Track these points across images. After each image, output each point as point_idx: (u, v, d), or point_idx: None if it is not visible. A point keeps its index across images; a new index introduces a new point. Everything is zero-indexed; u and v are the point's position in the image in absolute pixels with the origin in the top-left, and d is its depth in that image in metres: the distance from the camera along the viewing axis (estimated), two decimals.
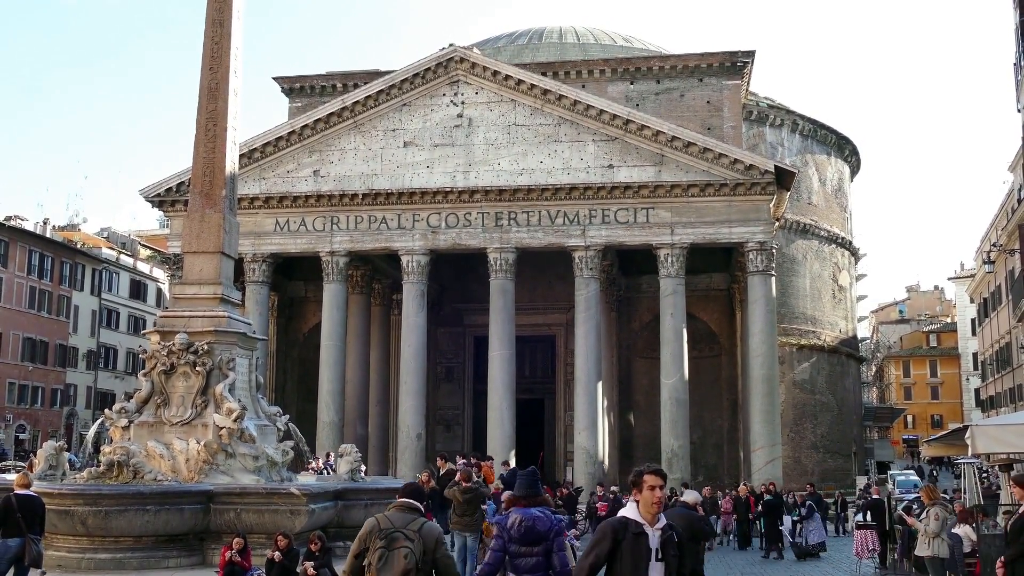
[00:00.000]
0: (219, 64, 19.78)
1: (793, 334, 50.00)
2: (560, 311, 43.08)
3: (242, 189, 34.33)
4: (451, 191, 37.31)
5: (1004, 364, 59.18)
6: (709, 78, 45.19)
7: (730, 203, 36.17)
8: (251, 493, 16.66)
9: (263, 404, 20.00)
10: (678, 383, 35.84)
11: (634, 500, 7.05)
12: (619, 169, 36.82)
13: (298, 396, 44.95)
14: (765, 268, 36.16)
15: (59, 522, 15.45)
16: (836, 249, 55.36)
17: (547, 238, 37.13)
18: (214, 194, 19.39)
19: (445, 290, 44.96)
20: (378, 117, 38.79)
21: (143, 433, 17.92)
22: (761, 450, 35.74)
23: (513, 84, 37.81)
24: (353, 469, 19.72)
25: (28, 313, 62.62)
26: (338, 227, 38.44)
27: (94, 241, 76.33)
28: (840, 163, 57.25)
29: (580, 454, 36.46)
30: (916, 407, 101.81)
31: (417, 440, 37.13)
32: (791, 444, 46.50)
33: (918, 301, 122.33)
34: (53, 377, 65.68)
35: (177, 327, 18.44)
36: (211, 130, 19.56)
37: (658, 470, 7.15)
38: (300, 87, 48.16)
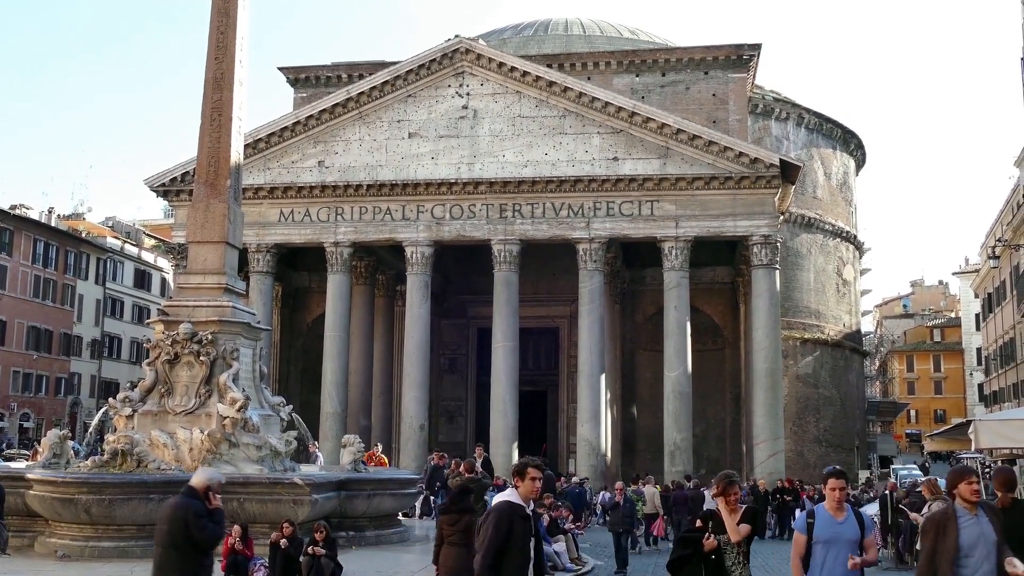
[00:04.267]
0: (225, 54, 19.79)
1: (797, 328, 49.98)
2: (564, 303, 43.09)
3: (247, 179, 34.36)
4: (455, 183, 37.30)
5: (1008, 359, 59.11)
6: (715, 71, 45.10)
7: (735, 196, 36.13)
8: (254, 483, 16.72)
9: (267, 394, 20.05)
10: (681, 376, 35.85)
11: (515, 487, 7.90)
12: (624, 162, 36.79)
13: (302, 387, 45.01)
14: (769, 262, 36.13)
15: (63, 510, 15.52)
16: (841, 243, 55.31)
17: (551, 230, 37.13)
18: (219, 184, 19.42)
19: (449, 282, 44.99)
20: (383, 108, 38.77)
21: (147, 422, 17.99)
22: (764, 443, 35.76)
23: (518, 76, 37.77)
24: (356, 460, 19.77)
25: (33, 302, 62.71)
26: (342, 218, 38.45)
27: (99, 230, 76.34)
28: (845, 157, 57.16)
29: (583, 446, 36.50)
30: (919, 402, 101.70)
31: (420, 431, 37.18)
32: (794, 438, 46.51)
33: (922, 296, 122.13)
34: (57, 366, 65.79)
35: (181, 317, 18.50)
36: (216, 120, 19.58)
37: (539, 464, 8.00)
38: (305, 78, 48.15)
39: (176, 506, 8.75)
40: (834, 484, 8.58)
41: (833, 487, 8.58)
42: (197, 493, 8.95)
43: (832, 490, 8.58)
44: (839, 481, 8.62)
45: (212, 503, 9.03)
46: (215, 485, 9.19)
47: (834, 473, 8.73)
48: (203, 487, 9.00)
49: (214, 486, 9.16)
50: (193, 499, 8.86)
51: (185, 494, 8.91)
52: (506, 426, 36.18)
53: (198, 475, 9.34)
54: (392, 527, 19.74)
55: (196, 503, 8.83)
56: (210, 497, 9.00)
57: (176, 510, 8.68)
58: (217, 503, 9.18)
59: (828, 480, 8.68)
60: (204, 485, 9.01)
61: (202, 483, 9.02)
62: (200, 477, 9.19)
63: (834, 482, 8.59)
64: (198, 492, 8.96)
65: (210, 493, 9.04)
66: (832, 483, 8.60)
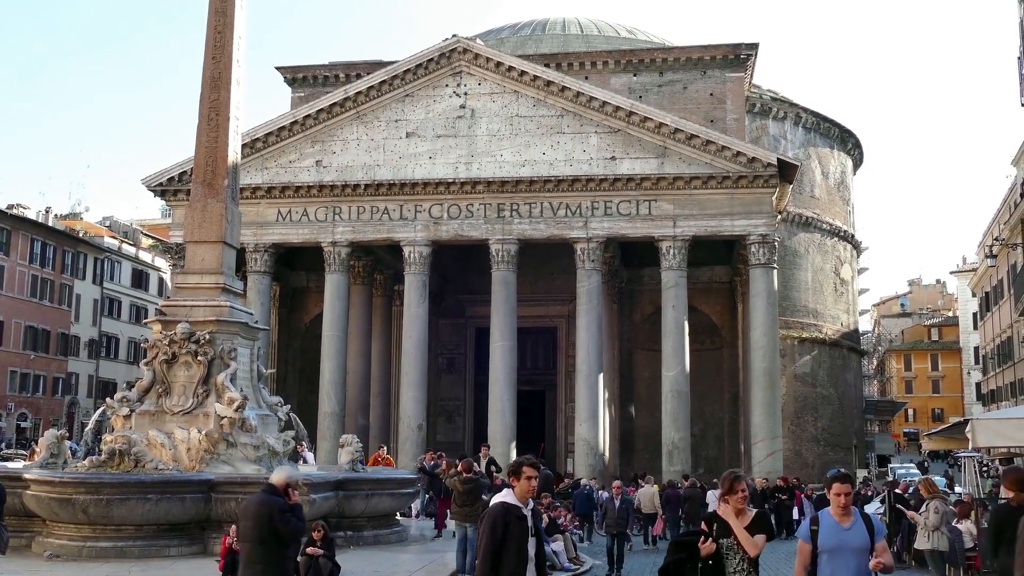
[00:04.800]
0: (222, 53, 19.78)
1: (795, 327, 50.00)
2: (562, 303, 43.09)
3: (244, 179, 34.32)
4: (453, 182, 37.28)
5: (1005, 358, 59.17)
6: (712, 70, 45.10)
7: (732, 196, 36.13)
8: (252, 483, 16.67)
9: (264, 394, 20.04)
10: (679, 375, 35.84)
11: (511, 487, 7.90)
12: (622, 161, 36.78)
13: (299, 386, 44.97)
14: (767, 261, 36.14)
15: (60, 510, 15.50)
16: (838, 242, 55.34)
17: (549, 230, 37.12)
18: (216, 184, 19.41)
19: (447, 281, 44.99)
20: (381, 107, 38.75)
21: (145, 422, 17.97)
22: (762, 443, 35.77)
23: (516, 75, 37.75)
24: (354, 460, 19.77)
25: (30, 302, 62.67)
26: (340, 217, 38.44)
27: (96, 230, 76.32)
28: (843, 156, 57.20)
29: (581, 446, 36.49)
30: (917, 401, 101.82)
31: (418, 431, 37.16)
32: (792, 437, 46.54)
33: (920, 295, 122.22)
34: (55, 366, 65.75)
35: (179, 316, 18.48)
36: (214, 120, 19.57)
37: (535, 463, 8.00)
38: (303, 77, 48.11)
39: (260, 503, 9.12)
40: (839, 489, 8.04)
41: (838, 492, 8.03)
42: (277, 490, 9.36)
43: (837, 495, 8.03)
44: (844, 486, 8.08)
45: (292, 499, 9.49)
46: (293, 483, 9.65)
47: (839, 477, 8.19)
48: (283, 485, 9.41)
49: (293, 484, 9.62)
50: (275, 496, 9.25)
51: (266, 491, 9.31)
52: (504, 426, 36.17)
53: (278, 474, 9.83)
54: (390, 527, 19.74)
55: (278, 500, 9.23)
56: (290, 494, 9.47)
57: (260, 506, 9.12)
58: (296, 499, 9.67)
59: (832, 484, 8.14)
60: (284, 483, 9.43)
61: (282, 481, 9.43)
62: (280, 476, 9.60)
63: (839, 487, 8.05)
64: (278, 489, 9.37)
65: (289, 490, 9.49)
66: (837, 487, 8.06)
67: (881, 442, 75.98)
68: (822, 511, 8.24)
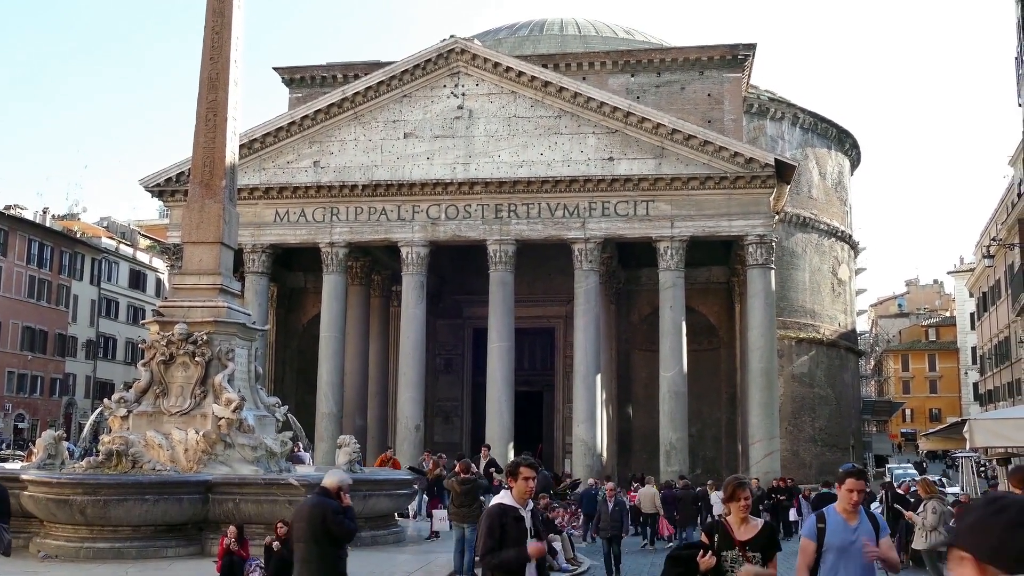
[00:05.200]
0: (220, 54, 19.78)
1: (792, 327, 50.01)
2: (559, 303, 43.08)
3: (242, 180, 34.29)
4: (451, 183, 37.28)
5: (1003, 358, 59.22)
6: (710, 71, 45.10)
7: (730, 196, 36.14)
8: (250, 483, 16.71)
9: (262, 395, 20.04)
10: (677, 376, 35.85)
11: (508, 487, 7.89)
12: (619, 162, 36.79)
13: (297, 387, 44.96)
14: (765, 261, 36.15)
15: (58, 511, 15.50)
16: (836, 243, 55.34)
17: (547, 230, 37.11)
18: (214, 184, 19.41)
19: (444, 282, 44.97)
20: (378, 108, 38.74)
21: (142, 423, 17.96)
22: (759, 443, 35.79)
23: (514, 76, 37.75)
24: (352, 460, 19.76)
25: (27, 302, 62.61)
26: (338, 218, 38.42)
27: (94, 231, 76.26)
28: (840, 157, 57.21)
29: (579, 446, 36.49)
30: (915, 401, 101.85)
31: (416, 431, 37.15)
32: (789, 437, 46.55)
33: (917, 295, 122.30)
34: (52, 366, 65.69)
35: (176, 317, 18.48)
36: (211, 120, 19.58)
37: (532, 463, 7.93)
38: (301, 78, 48.08)
39: (314, 505, 9.45)
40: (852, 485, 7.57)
41: (851, 488, 7.56)
42: (330, 493, 9.66)
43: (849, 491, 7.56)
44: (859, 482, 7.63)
45: (344, 502, 9.77)
46: (345, 486, 9.94)
47: (853, 472, 7.74)
48: (335, 488, 9.71)
49: (344, 487, 9.91)
50: (328, 499, 9.55)
51: (320, 494, 9.64)
52: (502, 426, 36.17)
53: (330, 477, 9.98)
54: (388, 528, 19.74)
55: (332, 502, 9.52)
56: (341, 496, 9.72)
57: (314, 508, 9.37)
58: (348, 502, 9.96)
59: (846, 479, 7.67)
60: (336, 486, 9.73)
61: (334, 484, 9.73)
62: (332, 479, 9.87)
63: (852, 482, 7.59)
64: (331, 492, 9.67)
65: (341, 493, 9.77)
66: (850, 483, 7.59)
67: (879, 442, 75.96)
68: (828, 508, 7.82)
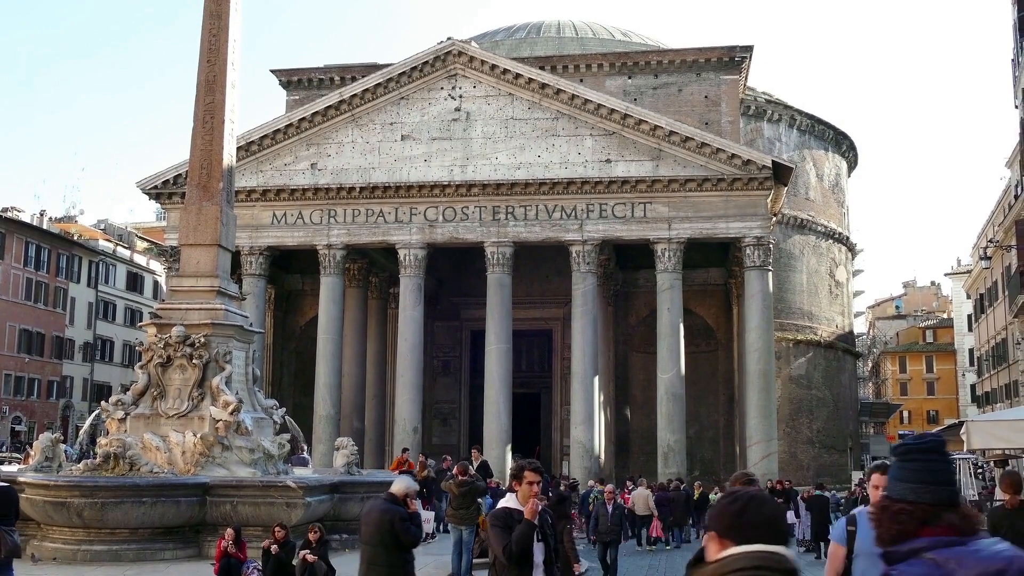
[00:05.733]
0: (217, 57, 19.77)
1: (790, 329, 50.03)
2: (557, 305, 43.09)
3: (239, 182, 34.26)
4: (448, 185, 37.28)
5: (1000, 360, 59.25)
6: (707, 73, 45.14)
7: (727, 198, 36.16)
8: (247, 486, 16.69)
9: (260, 397, 20.02)
10: (674, 378, 35.86)
11: (513, 490, 7.87)
12: (617, 163, 36.80)
13: (295, 389, 44.94)
14: (762, 263, 36.17)
15: (55, 514, 15.47)
16: (833, 244, 55.38)
17: (544, 232, 37.12)
18: (211, 187, 19.39)
19: (442, 284, 44.96)
20: (376, 110, 38.74)
21: (139, 425, 17.94)
22: (757, 445, 35.79)
23: (511, 78, 37.76)
24: (349, 462, 19.75)
25: (25, 305, 62.54)
26: (335, 220, 38.41)
27: (91, 233, 76.18)
28: (838, 158, 57.25)
29: (576, 448, 36.48)
30: (912, 402, 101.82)
31: (414, 433, 37.13)
32: (787, 439, 46.56)
33: (915, 297, 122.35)
34: (49, 369, 65.62)
35: (174, 320, 18.46)
36: (208, 123, 19.56)
37: (537, 467, 7.90)
38: (298, 80, 48.07)
39: (382, 511, 9.78)
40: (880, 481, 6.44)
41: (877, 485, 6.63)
42: (397, 499, 9.98)
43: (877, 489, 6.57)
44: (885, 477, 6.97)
45: (410, 508, 10.13)
46: (411, 492, 10.32)
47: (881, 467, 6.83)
48: (402, 494, 10.02)
49: (411, 493, 10.29)
50: (395, 505, 9.89)
51: (387, 500, 9.99)
52: (499, 428, 36.17)
53: (397, 484, 10.30)
54: None
55: (400, 508, 9.85)
56: (407, 502, 10.07)
57: (383, 514, 9.70)
58: (414, 507, 10.36)
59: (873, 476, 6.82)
60: (403, 492, 10.04)
61: (401, 491, 10.04)
62: (399, 486, 10.19)
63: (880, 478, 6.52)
64: (398, 498, 9.99)
65: (407, 499, 10.11)
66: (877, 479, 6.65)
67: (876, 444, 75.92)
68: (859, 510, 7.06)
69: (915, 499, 3.36)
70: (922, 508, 3.34)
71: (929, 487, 3.39)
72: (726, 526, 3.17)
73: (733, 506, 3.21)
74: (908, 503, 3.37)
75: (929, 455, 3.52)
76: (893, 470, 3.56)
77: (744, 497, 3.23)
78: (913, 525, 3.31)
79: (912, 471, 3.46)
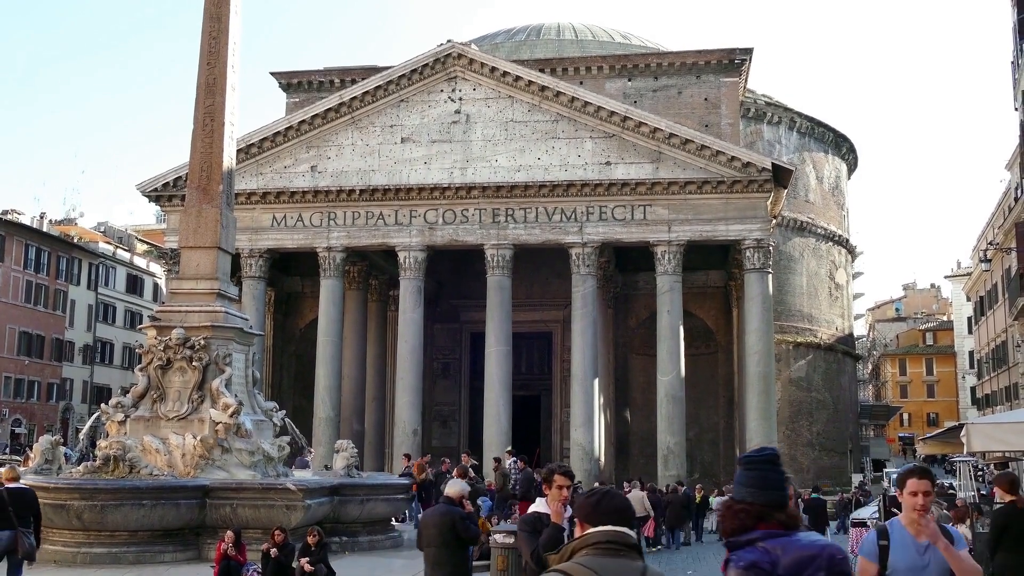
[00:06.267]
0: (217, 59, 19.79)
1: (790, 331, 50.03)
2: (557, 308, 43.07)
3: (239, 184, 34.23)
4: (448, 187, 37.28)
5: (1000, 362, 59.24)
6: (707, 75, 45.16)
7: (727, 200, 36.16)
8: (247, 488, 16.69)
9: (259, 399, 20.03)
10: (674, 380, 35.84)
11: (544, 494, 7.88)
12: (616, 166, 36.80)
13: (294, 392, 44.91)
14: (762, 266, 36.16)
15: (55, 516, 15.47)
16: (833, 247, 55.40)
17: (544, 235, 37.11)
18: (211, 189, 19.40)
19: (442, 286, 44.95)
20: (376, 113, 38.75)
21: (139, 428, 17.94)
22: (757, 447, 35.70)
23: (511, 80, 37.77)
24: (349, 465, 19.75)
25: (24, 307, 62.53)
26: (335, 223, 38.41)
27: (91, 236, 76.18)
28: (837, 161, 57.28)
29: (576, 450, 36.45)
30: (912, 405, 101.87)
31: (413, 436, 37.10)
32: (787, 441, 46.53)
33: (914, 299, 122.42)
34: (49, 371, 65.61)
35: (174, 322, 18.47)
36: (208, 125, 19.57)
37: (567, 471, 7.92)
38: (298, 83, 48.08)
39: (442, 513, 10.32)
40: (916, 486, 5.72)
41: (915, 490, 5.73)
42: (454, 501, 10.47)
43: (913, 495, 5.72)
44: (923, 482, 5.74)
45: (467, 508, 10.72)
46: (466, 494, 10.88)
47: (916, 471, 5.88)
48: (458, 496, 10.51)
49: (466, 495, 10.85)
50: (454, 506, 10.39)
51: (446, 502, 10.51)
52: (499, 431, 36.14)
53: (453, 487, 10.78)
54: (385, 532, 19.73)
55: (458, 509, 10.36)
56: (464, 504, 10.60)
57: (444, 516, 10.23)
58: (470, 508, 11.00)
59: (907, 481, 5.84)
60: (459, 495, 10.52)
61: (457, 493, 10.53)
62: (455, 489, 10.66)
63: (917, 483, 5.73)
64: (455, 500, 10.48)
65: (463, 501, 10.63)
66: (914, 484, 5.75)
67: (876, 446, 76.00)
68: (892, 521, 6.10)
69: (753, 500, 4.20)
70: (758, 508, 4.18)
71: (763, 491, 4.23)
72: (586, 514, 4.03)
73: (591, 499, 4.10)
74: (748, 504, 4.22)
75: (764, 465, 4.36)
76: (737, 477, 4.34)
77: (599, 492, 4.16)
78: (751, 521, 4.16)
79: (752, 478, 4.28)
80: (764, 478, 4.27)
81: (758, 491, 4.21)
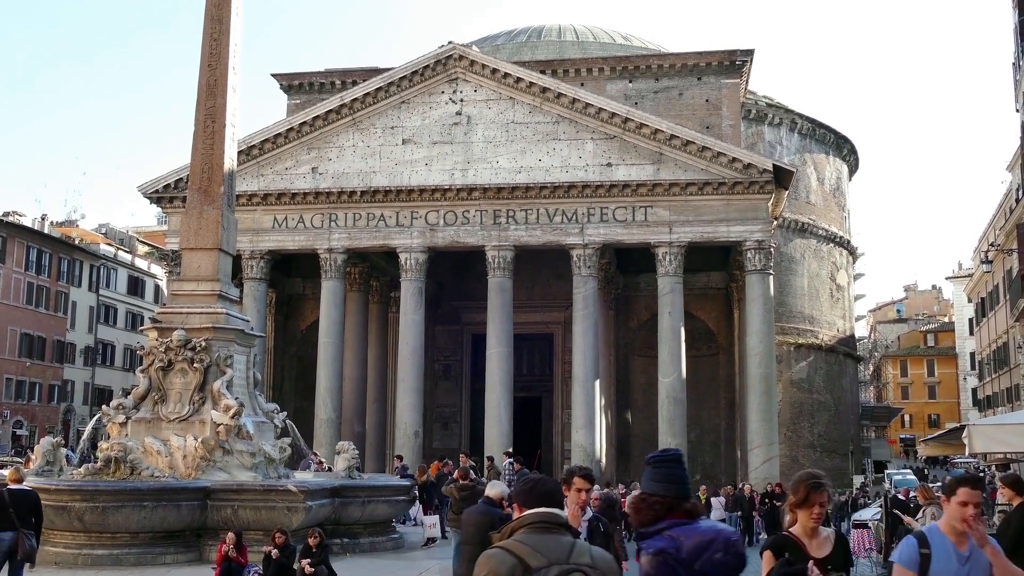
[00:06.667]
0: (218, 61, 19.79)
1: (791, 333, 50.02)
2: (558, 309, 43.05)
3: (240, 186, 34.28)
4: (449, 189, 37.29)
5: (1001, 364, 59.20)
6: (708, 77, 45.17)
7: (728, 202, 36.15)
8: (248, 490, 16.69)
9: (261, 401, 20.02)
10: (675, 382, 35.83)
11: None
12: (617, 167, 36.80)
13: (296, 393, 44.91)
14: (763, 267, 36.15)
15: (56, 518, 15.46)
16: (834, 248, 55.39)
17: (545, 236, 37.11)
18: (212, 191, 19.40)
19: (443, 288, 44.94)
20: (377, 114, 38.75)
21: (140, 429, 17.94)
22: (758, 449, 35.74)
23: (512, 82, 37.77)
24: (350, 466, 19.75)
25: (26, 309, 62.53)
26: (336, 224, 38.41)
27: (92, 237, 76.19)
28: (838, 162, 57.28)
29: (577, 452, 36.43)
30: (913, 406, 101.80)
31: (415, 438, 37.11)
32: (788, 443, 46.52)
33: (916, 300, 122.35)
34: (51, 373, 65.61)
35: (175, 324, 18.47)
36: (210, 127, 19.57)
37: (587, 474, 8.00)
38: (299, 84, 48.11)
39: (482, 513, 10.48)
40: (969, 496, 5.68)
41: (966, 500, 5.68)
42: (495, 502, 10.68)
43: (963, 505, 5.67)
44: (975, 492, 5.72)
45: (506, 510, 10.46)
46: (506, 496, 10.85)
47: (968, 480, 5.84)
48: (499, 498, 10.69)
49: (505, 497, 10.80)
50: (494, 507, 10.56)
51: (486, 503, 10.78)
52: (500, 432, 36.13)
53: (493, 488, 11.03)
54: (386, 534, 19.73)
55: (498, 511, 10.46)
56: (503, 505, 10.60)
57: (483, 516, 10.34)
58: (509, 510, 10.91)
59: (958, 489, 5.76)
60: (500, 496, 10.71)
61: (497, 495, 10.74)
62: (496, 490, 10.90)
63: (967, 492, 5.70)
64: (495, 501, 10.69)
65: (503, 502, 10.67)
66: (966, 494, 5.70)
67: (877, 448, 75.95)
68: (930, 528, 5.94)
69: (665, 494, 4.81)
70: (668, 500, 4.80)
71: (671, 485, 4.85)
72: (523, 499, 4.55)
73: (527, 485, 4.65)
74: (659, 497, 4.81)
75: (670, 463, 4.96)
76: (647, 473, 4.93)
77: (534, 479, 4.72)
78: (662, 512, 4.76)
79: (661, 474, 4.89)
80: (672, 474, 4.87)
81: (669, 485, 4.82)
